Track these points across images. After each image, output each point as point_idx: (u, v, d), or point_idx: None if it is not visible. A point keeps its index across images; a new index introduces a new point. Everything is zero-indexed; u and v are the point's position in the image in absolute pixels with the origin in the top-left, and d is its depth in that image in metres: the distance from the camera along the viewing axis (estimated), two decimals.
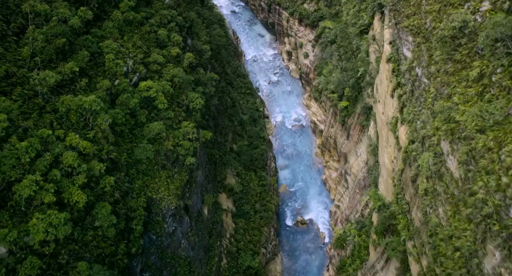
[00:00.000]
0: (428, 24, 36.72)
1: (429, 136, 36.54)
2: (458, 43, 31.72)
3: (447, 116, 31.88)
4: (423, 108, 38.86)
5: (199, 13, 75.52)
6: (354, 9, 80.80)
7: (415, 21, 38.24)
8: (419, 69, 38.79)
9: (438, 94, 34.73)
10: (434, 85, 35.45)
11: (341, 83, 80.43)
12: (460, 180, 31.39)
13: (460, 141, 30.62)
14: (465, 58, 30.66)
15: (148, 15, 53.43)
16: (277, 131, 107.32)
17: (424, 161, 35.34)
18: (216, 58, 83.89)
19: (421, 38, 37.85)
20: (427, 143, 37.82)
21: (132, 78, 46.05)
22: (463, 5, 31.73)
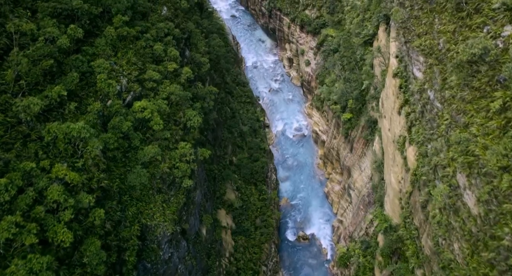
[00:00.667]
0: (442, 45, 34.23)
1: (442, 165, 34.04)
2: (476, 69, 29.21)
3: (464, 148, 29.37)
4: (435, 133, 36.37)
5: (198, 22, 73.04)
6: (358, 19, 78.34)
7: (427, 41, 35.75)
8: (431, 92, 36.29)
9: (453, 122, 32.22)
10: (449, 111, 32.94)
11: (344, 95, 77.96)
12: (479, 217, 28.89)
13: (479, 177, 28.13)
14: (484, 87, 28.16)
15: (143, 28, 50.92)
16: (278, 140, 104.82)
17: (438, 194, 32.79)
18: (216, 69, 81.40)
19: (434, 59, 35.35)
20: (440, 172, 35.33)
21: (126, 98, 43.54)
22: (481, 28, 29.22)
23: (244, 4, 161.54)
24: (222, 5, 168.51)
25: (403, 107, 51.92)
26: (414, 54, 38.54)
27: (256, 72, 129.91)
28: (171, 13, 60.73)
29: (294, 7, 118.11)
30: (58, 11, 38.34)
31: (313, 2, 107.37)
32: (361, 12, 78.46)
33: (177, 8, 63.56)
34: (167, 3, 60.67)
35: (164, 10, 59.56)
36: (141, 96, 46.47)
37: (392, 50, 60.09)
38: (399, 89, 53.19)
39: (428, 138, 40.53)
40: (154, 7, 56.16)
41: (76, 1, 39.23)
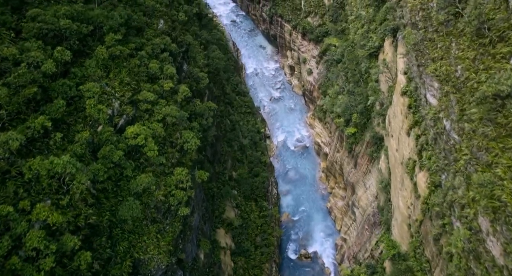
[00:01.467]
0: (460, 72, 31.37)
1: (461, 204, 31.17)
2: (501, 104, 26.36)
3: (489, 191, 26.52)
4: (451, 166, 33.50)
5: (197, 34, 70.18)
6: (363, 30, 75.45)
7: (443, 67, 32.89)
8: (448, 122, 33.42)
9: (474, 158, 29.34)
10: (468, 146, 30.07)
11: (348, 108, 75.07)
12: (506, 269, 26.03)
13: (506, 225, 25.27)
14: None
15: (138, 45, 48.06)
16: (279, 152, 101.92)
17: (458, 239, 29.88)
18: (215, 81, 78.55)
19: (451, 87, 32.48)
20: (457, 210, 32.47)
21: (118, 122, 40.66)
22: (508, 59, 26.35)
23: (245, 9, 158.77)
24: (222, 9, 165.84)
25: (413, 129, 49.11)
26: (428, 79, 35.71)
27: (256, 80, 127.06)
28: (168, 26, 57.90)
29: (296, 14, 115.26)
30: (44, 32, 35.48)
31: (315, 10, 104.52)
32: (366, 23, 75.61)
33: (174, 20, 60.73)
34: (164, 16, 57.85)
35: (160, 24, 56.73)
36: (135, 119, 43.63)
37: (400, 66, 57.27)
38: (408, 109, 50.36)
39: (442, 168, 37.68)
40: (150, 22, 53.31)
41: (64, 21, 36.37)
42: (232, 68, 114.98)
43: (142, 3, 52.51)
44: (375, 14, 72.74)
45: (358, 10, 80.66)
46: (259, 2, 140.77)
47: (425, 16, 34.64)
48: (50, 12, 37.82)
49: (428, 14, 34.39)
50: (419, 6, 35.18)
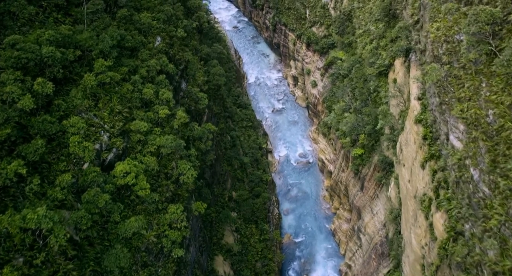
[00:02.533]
0: (492, 118, 27.51)
1: (493, 270, 27.28)
2: None
3: None
4: (479, 223, 29.63)
5: (196, 48, 66.34)
6: (371, 46, 71.52)
7: (471, 109, 29.02)
8: (476, 171, 29.53)
9: (511, 220, 25.51)
10: (503, 205, 26.22)
11: (355, 129, 71.17)
12: None
13: None
14: None
15: (131, 68, 44.27)
16: (281, 167, 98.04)
17: None
18: (215, 97, 74.73)
19: (480, 133, 28.62)
20: (486, 273, 28.59)
21: (106, 158, 36.83)
22: None
23: (248, 15, 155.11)
24: (224, 15, 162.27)
25: (428, 162, 45.26)
26: (452, 119, 31.87)
27: (258, 90, 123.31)
28: (165, 43, 54.10)
29: (301, 23, 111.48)
30: (24, 61, 31.67)
31: (321, 20, 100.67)
32: (375, 38, 71.72)
33: (172, 36, 56.92)
34: (161, 33, 54.06)
35: (157, 41, 52.94)
36: (126, 151, 39.81)
37: (413, 91, 53.45)
38: (423, 139, 46.50)
39: (465, 216, 33.81)
40: (146, 40, 49.49)
41: (47, 49, 32.53)
42: (234, 79, 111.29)
43: (138, 20, 48.71)
44: (385, 30, 68.89)
45: (367, 24, 76.78)
46: (262, 9, 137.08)
47: (450, 49, 30.90)
48: (32, 38, 34.01)
49: (454, 47, 30.65)
50: (444, 38, 31.44)
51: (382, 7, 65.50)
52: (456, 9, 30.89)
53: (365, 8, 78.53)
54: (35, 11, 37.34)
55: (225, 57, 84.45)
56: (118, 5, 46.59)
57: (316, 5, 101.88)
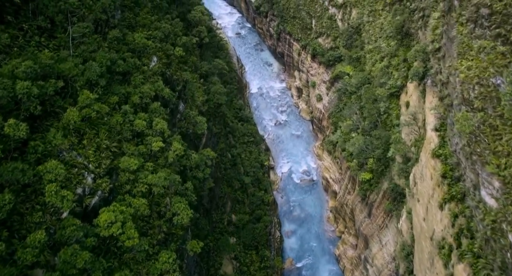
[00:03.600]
0: None
1: None
2: None
3: None
4: None
5: (196, 65, 62.21)
6: (382, 64, 67.30)
7: (509, 169, 24.85)
8: None
9: None
10: None
11: (363, 152, 66.95)
12: None
13: None
14: None
15: (122, 96, 40.18)
16: (284, 185, 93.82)
17: None
18: (216, 115, 70.60)
19: None
20: None
21: (90, 203, 32.74)
22: None
23: (251, 21, 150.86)
24: (227, 20, 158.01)
25: (448, 203, 41.10)
26: (485, 173, 27.71)
27: (261, 101, 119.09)
28: (162, 64, 50.01)
29: (306, 33, 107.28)
30: None
31: (328, 31, 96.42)
32: (387, 56, 67.50)
33: (170, 55, 52.82)
34: (157, 52, 49.96)
35: (153, 62, 48.86)
36: (113, 191, 35.71)
37: (429, 120, 49.30)
38: (442, 177, 42.31)
39: None
40: (140, 62, 45.37)
41: (21, 84, 28.39)
42: (235, 90, 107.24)
43: (131, 41, 44.58)
44: (397, 48, 64.68)
45: (377, 40, 72.55)
46: (266, 16, 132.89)
47: (484, 94, 26.83)
48: (7, 69, 29.91)
49: (489, 92, 26.57)
50: (476, 80, 27.34)
51: (395, 25, 61.24)
52: (492, 47, 26.79)
53: (375, 23, 74.32)
54: (12, 35, 33.24)
55: (227, 72, 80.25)
56: (109, 26, 42.51)
57: (323, 15, 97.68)
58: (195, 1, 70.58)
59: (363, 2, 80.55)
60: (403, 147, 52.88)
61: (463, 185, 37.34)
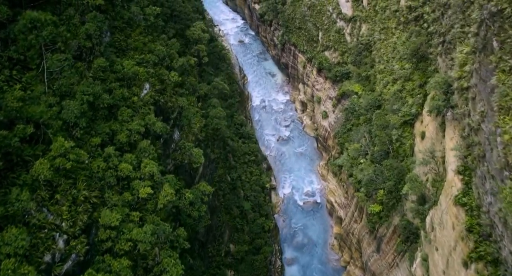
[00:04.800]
0: None
1: None
2: None
3: None
4: None
5: (194, 87, 57.37)
6: (395, 87, 62.38)
7: None
8: None
9: None
10: None
11: (373, 182, 62.03)
12: None
13: None
14: None
15: (106, 136, 35.41)
16: (286, 207, 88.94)
17: None
18: (214, 138, 65.77)
19: None
20: None
21: (61, 271, 27.94)
22: None
23: (255, 28, 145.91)
24: (230, 27, 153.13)
25: (475, 263, 36.24)
26: None
27: (263, 114, 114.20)
28: (155, 91, 45.23)
29: (312, 46, 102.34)
30: None
31: (335, 45, 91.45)
32: (400, 79, 62.54)
33: (164, 80, 48.04)
34: (151, 78, 45.18)
35: (145, 90, 44.08)
36: (90, 252, 30.93)
37: (450, 159, 44.47)
38: (467, 231, 37.45)
39: None
40: (130, 92, 40.60)
41: None
42: (237, 103, 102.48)
43: (119, 70, 39.79)
44: (412, 72, 59.76)
45: (389, 61, 67.59)
46: (270, 25, 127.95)
47: None
48: None
49: None
50: None
51: (411, 48, 56.27)
52: None
53: (387, 41, 69.34)
54: None
55: (228, 92, 75.39)
56: (94, 54, 37.75)
57: (330, 28, 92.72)
58: (195, 16, 65.81)
59: (374, 17, 75.61)
60: (419, 186, 47.94)
61: (496, 248, 32.54)
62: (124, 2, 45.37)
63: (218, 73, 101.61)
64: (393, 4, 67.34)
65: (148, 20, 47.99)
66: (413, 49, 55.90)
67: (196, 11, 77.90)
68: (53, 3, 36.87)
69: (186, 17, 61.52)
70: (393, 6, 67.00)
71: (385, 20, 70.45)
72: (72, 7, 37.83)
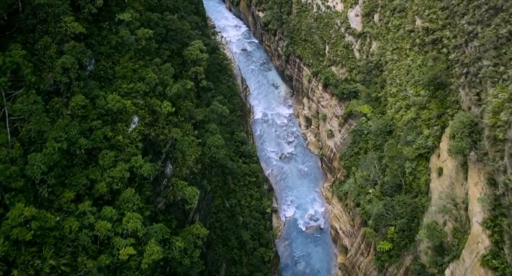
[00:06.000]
0: None
1: None
2: None
3: None
4: None
5: (190, 113, 52.51)
6: (409, 115, 57.37)
7: None
8: None
9: None
10: None
11: (383, 218, 57.13)
12: None
13: None
14: None
15: (82, 188, 30.58)
16: (287, 232, 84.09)
17: None
18: (212, 166, 60.95)
19: None
20: None
21: None
22: None
23: (258, 37, 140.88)
24: (232, 34, 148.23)
25: None
26: None
27: (266, 128, 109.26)
28: (144, 125, 40.41)
29: (318, 60, 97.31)
30: None
31: (343, 61, 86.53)
32: (414, 106, 57.56)
33: (156, 111, 43.21)
34: (140, 110, 40.37)
35: (133, 124, 39.25)
36: None
37: (475, 209, 39.60)
38: None
39: None
40: (114, 130, 35.80)
41: None
42: (238, 118, 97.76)
43: (102, 106, 34.98)
44: (429, 100, 54.82)
45: (403, 84, 62.59)
46: (275, 35, 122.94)
47: None
48: None
49: None
50: None
51: (429, 76, 51.29)
52: None
53: (401, 63, 64.32)
54: None
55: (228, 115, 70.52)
56: (72, 90, 32.94)
57: (338, 43, 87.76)
58: (194, 34, 61.00)
59: (386, 35, 70.61)
60: (438, 235, 42.94)
61: None
62: (112, 25, 40.55)
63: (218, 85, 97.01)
64: (407, 23, 62.36)
65: (140, 44, 43.16)
66: (431, 77, 50.92)
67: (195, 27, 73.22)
68: (26, 31, 32.11)
69: (184, 35, 56.68)
70: (408, 25, 62.01)
71: (398, 39, 65.45)
72: (49, 35, 33.03)
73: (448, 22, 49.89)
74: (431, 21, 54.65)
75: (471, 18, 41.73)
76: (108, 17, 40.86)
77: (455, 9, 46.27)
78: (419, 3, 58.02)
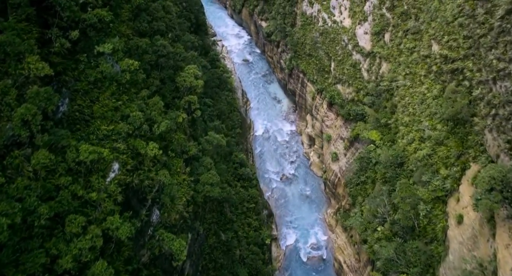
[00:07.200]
0: None
1: None
2: None
3: None
4: None
5: (183, 149, 47.23)
6: (425, 151, 52.00)
7: None
8: None
9: None
10: None
11: (394, 264, 51.76)
12: None
13: None
14: None
15: (42, 267, 25.37)
16: (287, 262, 78.70)
17: None
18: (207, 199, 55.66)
19: None
20: None
21: None
22: None
23: (261, 47, 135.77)
24: (234, 43, 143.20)
25: None
26: None
27: (266, 146, 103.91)
28: (125, 172, 35.23)
29: (323, 76, 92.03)
30: None
31: (350, 80, 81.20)
32: (429, 140, 52.20)
33: (140, 153, 38.00)
34: (122, 154, 35.21)
35: (113, 173, 34.11)
36: None
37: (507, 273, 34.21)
38: None
39: None
40: (84, 191, 30.54)
41: None
42: (238, 136, 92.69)
43: (73, 159, 29.74)
44: (447, 135, 49.46)
45: (416, 113, 57.20)
46: (277, 46, 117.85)
47: None
48: None
49: None
50: None
51: (449, 113, 45.93)
52: None
53: (414, 90, 58.95)
54: None
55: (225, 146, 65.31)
56: (34, 144, 27.78)
57: (345, 60, 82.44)
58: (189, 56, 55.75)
59: (397, 57, 65.25)
60: None
61: None
62: (90, 58, 35.36)
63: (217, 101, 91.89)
64: (423, 48, 56.96)
65: (124, 77, 37.97)
66: (452, 114, 45.58)
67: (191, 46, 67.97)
68: None
69: (177, 58, 51.47)
70: (423, 50, 56.62)
71: (412, 64, 60.07)
72: (10, 76, 27.87)
73: (471, 52, 44.51)
74: (450, 49, 49.26)
75: (502, 54, 36.39)
76: (86, 48, 35.68)
77: (481, 41, 40.88)
78: (437, 27, 52.58)
